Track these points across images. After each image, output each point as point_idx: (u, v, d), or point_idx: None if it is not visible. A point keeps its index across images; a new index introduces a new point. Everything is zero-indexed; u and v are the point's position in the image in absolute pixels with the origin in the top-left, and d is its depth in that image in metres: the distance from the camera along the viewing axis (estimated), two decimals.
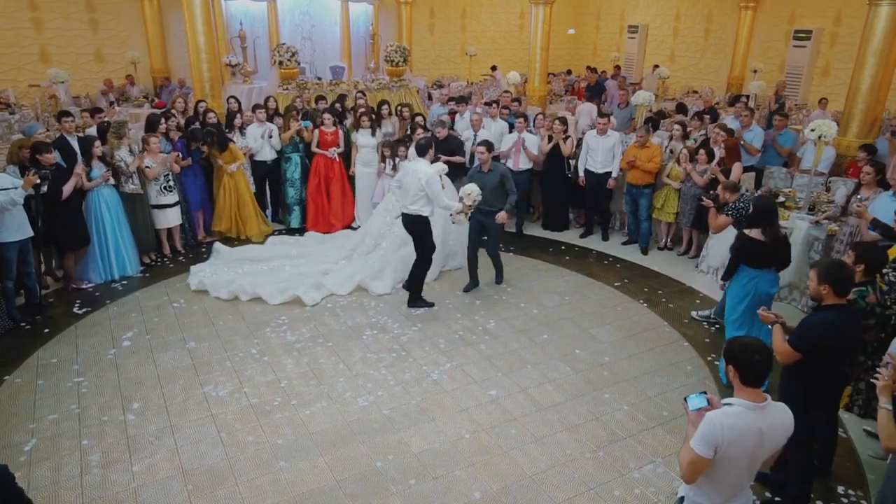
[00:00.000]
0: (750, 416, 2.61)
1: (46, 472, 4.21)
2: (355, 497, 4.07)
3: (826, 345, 3.44)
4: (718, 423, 2.58)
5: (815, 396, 3.64)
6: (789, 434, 2.71)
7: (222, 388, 5.17)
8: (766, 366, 2.63)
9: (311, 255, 7.65)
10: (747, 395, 2.65)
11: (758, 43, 15.79)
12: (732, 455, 2.61)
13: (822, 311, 3.50)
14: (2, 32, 13.58)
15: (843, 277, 3.43)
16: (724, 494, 2.73)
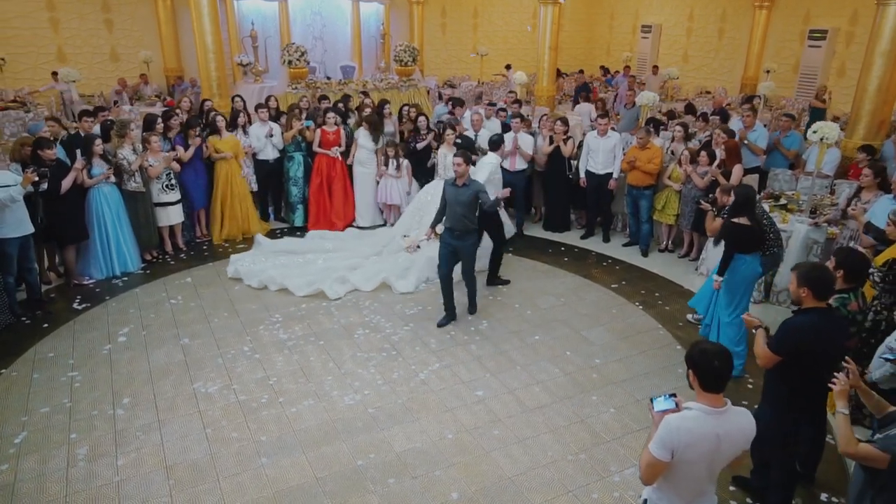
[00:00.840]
0: (708, 420, 2.60)
1: (34, 464, 4.30)
2: (333, 495, 4.10)
3: (806, 347, 3.40)
4: (675, 426, 2.58)
5: (797, 399, 3.60)
6: (750, 439, 2.69)
7: (212, 384, 5.23)
8: (724, 371, 2.61)
9: (345, 249, 7.80)
10: (706, 400, 2.64)
11: (772, 43, 15.59)
12: (690, 459, 2.60)
13: (801, 315, 3.46)
14: (20, 32, 13.86)
15: (823, 281, 3.39)
16: (685, 498, 2.72)
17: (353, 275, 7.09)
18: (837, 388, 3.05)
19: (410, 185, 8.58)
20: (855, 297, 3.80)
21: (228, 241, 8.25)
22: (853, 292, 3.82)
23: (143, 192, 7.22)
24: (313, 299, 6.73)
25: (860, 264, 3.83)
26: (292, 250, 7.74)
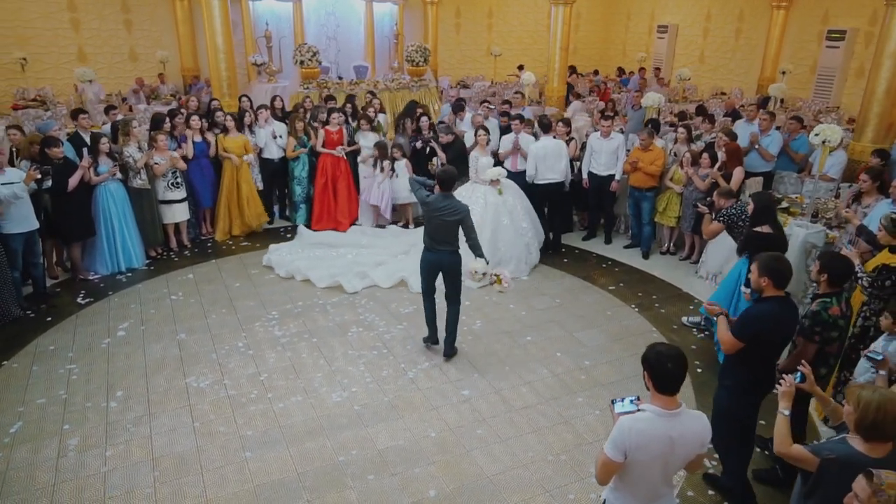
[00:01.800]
0: (660, 422, 2.61)
1: (26, 453, 4.44)
2: (312, 490, 4.17)
3: (766, 336, 3.55)
4: (627, 427, 2.60)
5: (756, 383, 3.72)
6: (704, 442, 2.70)
7: (204, 379, 5.34)
8: (678, 375, 2.63)
9: (379, 246, 7.95)
10: (660, 402, 2.65)
11: (789, 43, 15.35)
12: (642, 460, 2.62)
13: (762, 303, 3.61)
14: (42, 33, 14.18)
15: (782, 271, 3.54)
16: (640, 499, 2.75)
17: (375, 271, 7.22)
18: (783, 389, 3.07)
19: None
20: (837, 301, 3.76)
21: (233, 238, 8.37)
22: (836, 296, 3.79)
23: (149, 190, 7.37)
24: (311, 297, 6.82)
25: (844, 269, 3.80)
26: (330, 243, 7.99)
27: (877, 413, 2.49)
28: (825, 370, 3.87)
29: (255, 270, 7.44)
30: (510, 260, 7.38)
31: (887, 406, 2.48)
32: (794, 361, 3.89)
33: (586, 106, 13.76)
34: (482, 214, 7.29)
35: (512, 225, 7.43)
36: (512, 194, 7.58)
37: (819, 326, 3.71)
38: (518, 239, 7.47)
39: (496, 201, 7.41)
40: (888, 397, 2.51)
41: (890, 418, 2.48)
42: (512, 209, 7.50)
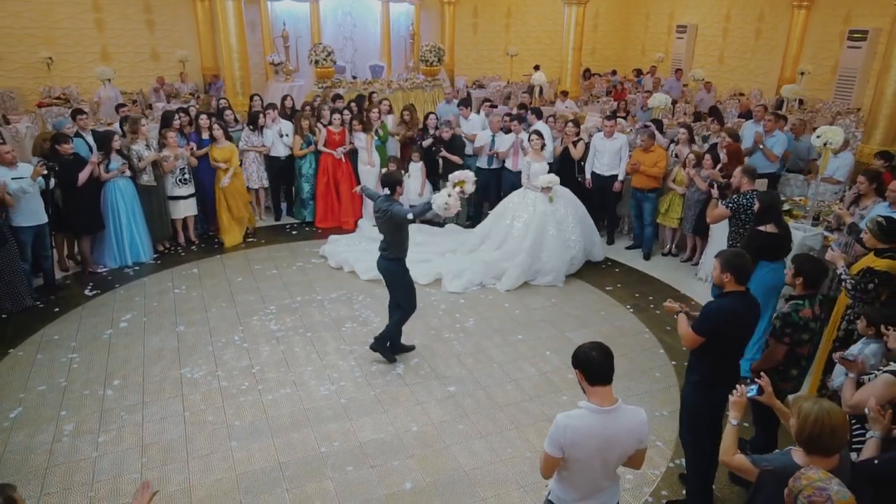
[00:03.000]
0: (594, 419, 2.66)
1: (23, 437, 4.62)
2: (292, 479, 4.29)
3: (726, 330, 3.57)
4: (563, 425, 2.67)
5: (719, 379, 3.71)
6: (642, 438, 2.76)
7: (198, 370, 5.49)
8: (605, 363, 2.70)
9: (431, 244, 8.01)
10: (595, 399, 2.70)
11: (810, 43, 15.11)
12: (578, 456, 2.68)
13: (722, 298, 3.64)
14: (69, 33, 14.58)
15: (743, 266, 3.57)
16: (580, 492, 2.82)
17: (416, 267, 7.01)
18: (733, 399, 3.08)
19: (423, 187, 8.68)
20: (810, 303, 3.75)
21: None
22: (809, 299, 3.78)
23: (155, 187, 7.56)
24: (309, 293, 6.96)
25: (817, 271, 3.79)
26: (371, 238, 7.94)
27: (814, 426, 2.43)
28: (796, 371, 3.87)
29: (258, 266, 7.60)
30: (550, 271, 7.24)
31: (825, 419, 2.42)
32: (765, 362, 3.91)
33: (600, 106, 13.74)
34: (528, 222, 7.28)
35: (559, 236, 7.25)
36: (565, 204, 7.43)
37: (789, 328, 3.72)
38: (563, 251, 7.27)
39: (545, 210, 7.26)
40: (827, 410, 2.44)
41: (827, 431, 2.42)
42: (562, 220, 7.35)
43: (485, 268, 7.25)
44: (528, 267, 7.21)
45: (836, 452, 2.48)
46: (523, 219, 7.35)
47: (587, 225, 7.65)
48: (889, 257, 4.36)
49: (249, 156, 8.69)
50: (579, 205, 7.62)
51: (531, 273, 7.25)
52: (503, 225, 7.50)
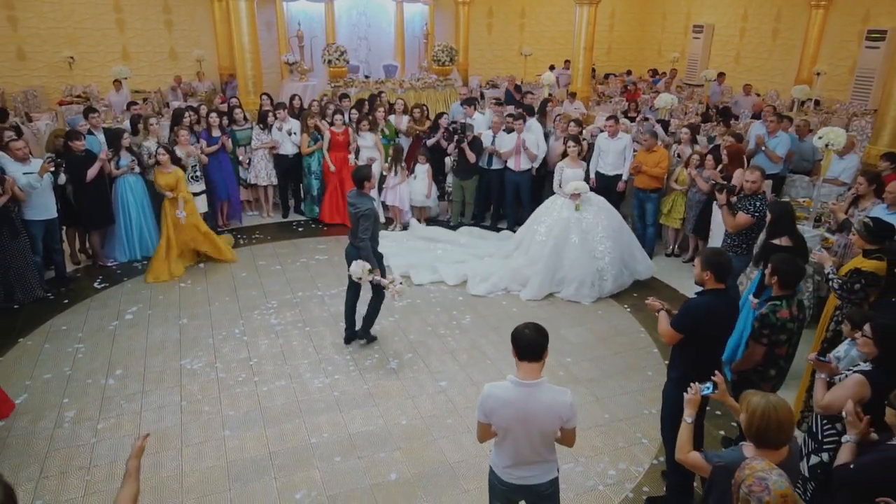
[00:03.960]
0: (513, 392, 2.87)
1: (27, 423, 4.80)
2: (280, 468, 4.40)
3: (704, 328, 3.62)
4: (486, 393, 2.94)
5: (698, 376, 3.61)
6: (562, 417, 2.88)
7: (197, 361, 5.65)
8: (534, 339, 2.86)
9: (474, 246, 8.02)
10: (520, 373, 2.90)
11: (828, 44, 14.90)
12: (500, 424, 2.92)
13: (702, 295, 3.70)
14: (91, 33, 14.94)
15: (723, 264, 3.63)
16: (509, 460, 3.03)
17: (446, 267, 7.35)
18: (687, 397, 3.12)
19: (430, 188, 8.75)
20: (788, 304, 3.76)
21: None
22: (787, 299, 3.79)
23: None
24: (311, 288, 7.08)
25: (793, 272, 3.80)
26: (433, 237, 8.22)
27: (761, 420, 2.48)
28: (775, 371, 3.88)
29: (262, 262, 7.75)
30: (572, 281, 6.88)
31: (771, 413, 2.46)
32: (744, 363, 3.94)
33: (612, 106, 13.71)
34: (551, 227, 7.07)
35: (581, 245, 6.89)
36: (595, 213, 7.05)
37: (767, 329, 3.74)
38: (588, 261, 6.88)
39: (569, 216, 6.97)
40: (774, 405, 2.48)
41: (773, 426, 2.46)
42: (588, 228, 6.96)
43: (511, 274, 7.13)
44: (551, 276, 6.95)
45: (783, 445, 2.52)
46: (547, 224, 7.16)
47: (623, 239, 7.14)
48: (877, 258, 4.35)
49: (258, 153, 8.85)
50: (615, 216, 7.18)
51: (555, 283, 6.98)
52: (531, 230, 7.36)
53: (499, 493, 3.15)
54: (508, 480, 3.06)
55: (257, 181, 9.01)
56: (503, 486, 3.09)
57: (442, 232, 8.44)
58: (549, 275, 6.94)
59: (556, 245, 6.93)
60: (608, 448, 4.67)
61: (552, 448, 3.04)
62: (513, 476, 3.04)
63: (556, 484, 3.13)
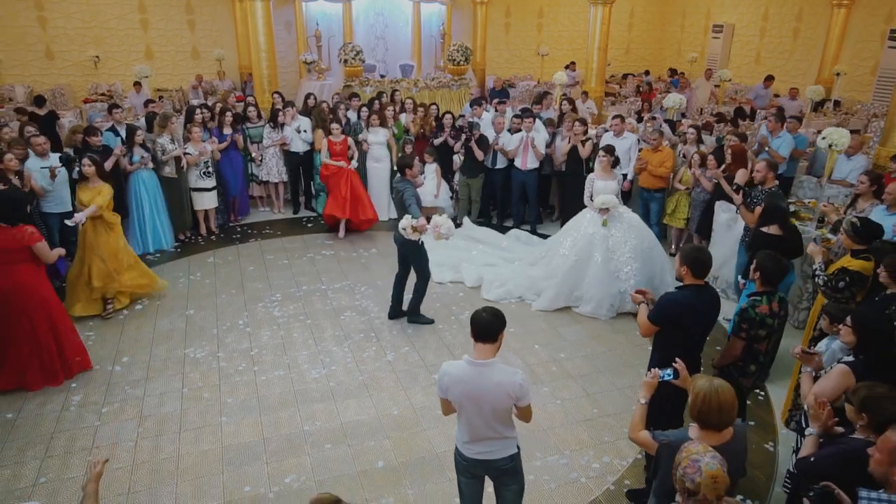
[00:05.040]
0: (465, 369, 3.05)
1: (35, 406, 5.03)
2: (273, 453, 4.56)
3: (681, 322, 3.71)
4: (442, 370, 3.14)
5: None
6: (510, 394, 3.02)
7: (201, 350, 5.84)
8: (489, 322, 3.03)
9: (513, 251, 7.89)
10: (475, 353, 3.08)
11: (850, 44, 14.70)
12: (455, 399, 3.11)
13: (679, 290, 3.80)
14: (115, 33, 15.34)
15: (700, 260, 3.71)
16: (468, 435, 3.20)
17: (470, 268, 7.33)
18: (644, 380, 3.21)
19: (439, 187, 8.79)
20: (768, 300, 3.81)
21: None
22: (768, 295, 3.84)
23: (177, 179, 7.97)
24: (314, 282, 7.25)
25: (775, 269, 3.84)
26: (477, 238, 8.17)
27: (703, 402, 2.62)
28: (755, 367, 3.93)
29: (270, 256, 7.94)
30: (591, 300, 6.56)
31: (712, 396, 2.59)
32: (724, 357, 3.99)
33: (627, 107, 13.70)
34: (575, 241, 6.74)
35: (604, 264, 6.50)
36: (624, 231, 6.59)
37: (745, 323, 3.79)
38: (610, 282, 6.49)
39: (595, 232, 6.61)
40: (716, 388, 2.61)
41: (714, 408, 2.59)
42: (615, 247, 6.56)
43: (528, 283, 6.97)
44: (567, 292, 6.69)
45: (725, 428, 2.61)
46: (573, 237, 6.82)
47: (655, 261, 6.68)
48: (864, 258, 4.36)
49: (270, 151, 9.05)
50: (647, 236, 6.75)
51: (572, 299, 6.71)
52: (557, 242, 7.17)
53: (461, 467, 3.33)
54: (469, 455, 3.23)
55: (269, 178, 9.21)
56: (465, 461, 3.27)
57: (490, 234, 8.34)
58: (564, 290, 6.69)
59: (578, 262, 6.61)
60: (594, 442, 4.74)
61: (509, 425, 3.18)
62: (472, 451, 3.21)
63: (516, 459, 3.28)
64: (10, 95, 13.52)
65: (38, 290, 5.15)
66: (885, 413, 2.54)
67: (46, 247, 5.13)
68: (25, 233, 4.96)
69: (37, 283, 5.14)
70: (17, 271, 5.00)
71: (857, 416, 2.68)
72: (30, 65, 14.54)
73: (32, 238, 4.99)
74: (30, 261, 5.05)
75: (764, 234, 5.24)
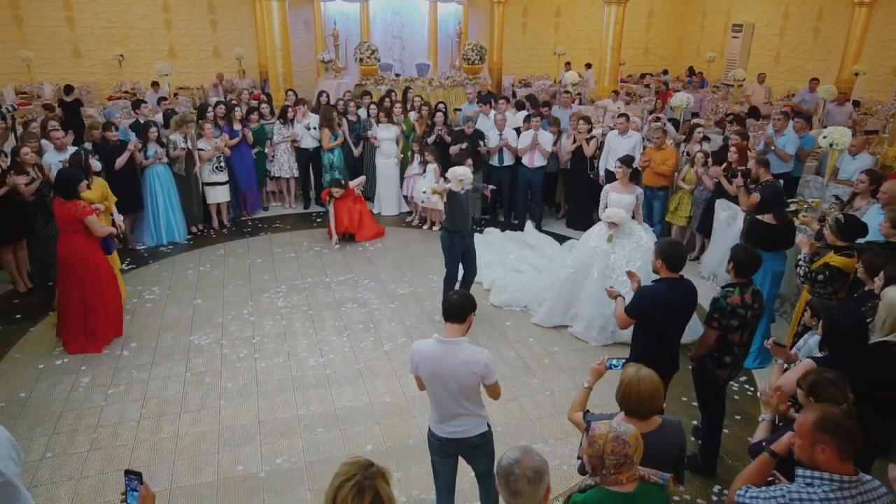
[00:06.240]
0: (434, 347, 3.23)
1: (47, 387, 5.28)
2: (267, 435, 4.74)
3: (657, 314, 3.82)
4: (414, 348, 3.31)
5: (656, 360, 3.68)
6: (475, 371, 3.18)
7: (205, 338, 6.06)
8: (458, 303, 3.21)
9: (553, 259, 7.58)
10: (445, 332, 3.27)
11: (871, 43, 14.49)
12: (424, 376, 3.29)
13: (655, 283, 3.90)
14: (140, 32, 15.78)
15: (674, 254, 3.83)
16: (438, 415, 3.38)
17: (491, 271, 7.24)
18: (593, 366, 3.36)
19: None
20: (741, 291, 3.88)
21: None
22: (742, 287, 3.91)
23: (185, 176, 8.21)
24: (319, 275, 7.44)
25: (748, 261, 3.91)
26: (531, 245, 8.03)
27: (625, 389, 2.73)
28: (730, 358, 3.99)
29: (278, 249, 8.16)
30: (582, 319, 6.14)
31: (632, 386, 2.70)
32: (699, 348, 4.07)
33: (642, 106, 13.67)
34: (577, 253, 6.37)
35: (599, 281, 5.92)
36: (630, 250, 6.02)
37: (717, 313, 3.88)
38: (604, 302, 5.63)
39: (596, 246, 6.15)
40: (639, 377, 2.71)
41: (634, 396, 2.70)
42: (616, 265, 5.99)
43: (535, 292, 6.74)
44: (563, 307, 6.32)
45: (649, 416, 2.71)
46: (577, 248, 6.49)
47: None
48: (846, 255, 4.40)
49: (281, 147, 9.27)
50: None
51: (568, 316, 6.32)
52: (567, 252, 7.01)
53: (434, 447, 3.48)
54: (440, 435, 3.38)
55: (280, 173, 9.44)
56: (437, 440, 3.43)
57: (547, 242, 8.04)
58: (559, 305, 6.34)
59: (576, 275, 6.21)
60: (578, 432, 4.81)
61: (478, 403, 3.32)
62: (443, 431, 3.36)
63: (488, 437, 3.43)
64: (38, 93, 13.98)
65: (92, 258, 5.71)
66: (829, 397, 2.61)
67: (96, 221, 5.67)
68: (78, 207, 5.53)
69: (90, 252, 5.70)
70: (73, 241, 5.61)
71: (806, 399, 2.76)
72: (58, 63, 15.02)
73: (84, 212, 5.54)
74: (83, 232, 5.61)
75: (759, 221, 5.40)
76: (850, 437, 2.24)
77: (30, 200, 6.65)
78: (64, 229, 5.62)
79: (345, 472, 2.05)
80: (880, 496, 2.27)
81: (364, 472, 2.04)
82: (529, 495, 2.11)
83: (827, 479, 2.24)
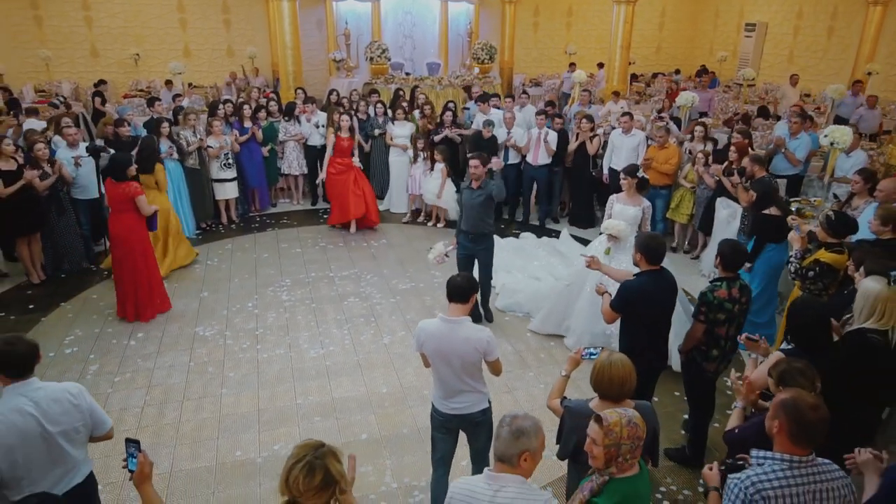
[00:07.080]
0: (438, 325, 3.44)
1: (55, 374, 5.44)
2: (265, 423, 4.88)
3: (640, 307, 3.93)
4: (419, 326, 3.52)
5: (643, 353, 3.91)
6: (477, 347, 3.37)
7: (210, 329, 6.21)
8: (460, 285, 3.44)
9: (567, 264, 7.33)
10: (448, 311, 3.47)
11: (885, 42, 14.36)
12: (428, 353, 3.48)
13: (637, 276, 4.01)
14: (155, 31, 16.03)
15: (653, 248, 3.93)
16: (441, 391, 3.56)
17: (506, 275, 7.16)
18: (570, 355, 3.46)
19: (443, 187, 8.76)
20: (728, 286, 3.93)
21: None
22: (729, 281, 3.97)
23: (199, 170, 8.39)
24: (324, 269, 7.57)
25: (733, 256, 3.97)
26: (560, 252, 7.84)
27: (598, 374, 2.85)
28: (717, 352, 4.06)
29: (284, 244, 8.31)
30: (574, 332, 5.96)
31: (605, 370, 2.82)
32: (688, 341, 4.14)
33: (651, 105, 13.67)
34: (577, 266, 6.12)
35: (592, 295, 5.52)
36: (628, 265, 5.36)
37: (704, 306, 3.94)
38: (594, 319, 5.61)
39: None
40: (611, 362, 2.82)
41: (605, 380, 2.82)
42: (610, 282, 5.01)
43: (538, 299, 6.61)
44: (557, 318, 6.17)
45: (620, 400, 2.79)
46: (578, 261, 6.00)
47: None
48: (836, 251, 4.43)
49: (290, 144, 9.43)
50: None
51: (563, 328, 6.17)
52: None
53: (437, 423, 3.67)
54: (444, 411, 3.55)
55: (290, 170, 9.59)
56: (440, 416, 3.61)
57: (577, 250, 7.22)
58: (554, 315, 6.19)
59: (571, 288, 6.06)
60: None
61: (479, 380, 3.50)
62: (447, 407, 3.53)
63: (488, 414, 3.61)
64: (56, 91, 14.28)
65: (141, 235, 6.24)
66: (798, 386, 2.67)
67: (145, 200, 6.15)
68: (131, 187, 6.03)
69: (139, 230, 6.22)
70: (127, 219, 6.12)
71: (776, 388, 2.82)
72: (76, 62, 15.32)
73: (137, 191, 6.05)
74: (133, 211, 6.11)
75: (766, 216, 5.57)
76: (806, 425, 2.30)
77: (43, 195, 6.84)
78: (116, 209, 6.14)
79: (296, 454, 2.16)
80: (835, 479, 2.33)
81: (314, 452, 2.14)
82: (506, 442, 2.40)
83: (778, 458, 2.32)
